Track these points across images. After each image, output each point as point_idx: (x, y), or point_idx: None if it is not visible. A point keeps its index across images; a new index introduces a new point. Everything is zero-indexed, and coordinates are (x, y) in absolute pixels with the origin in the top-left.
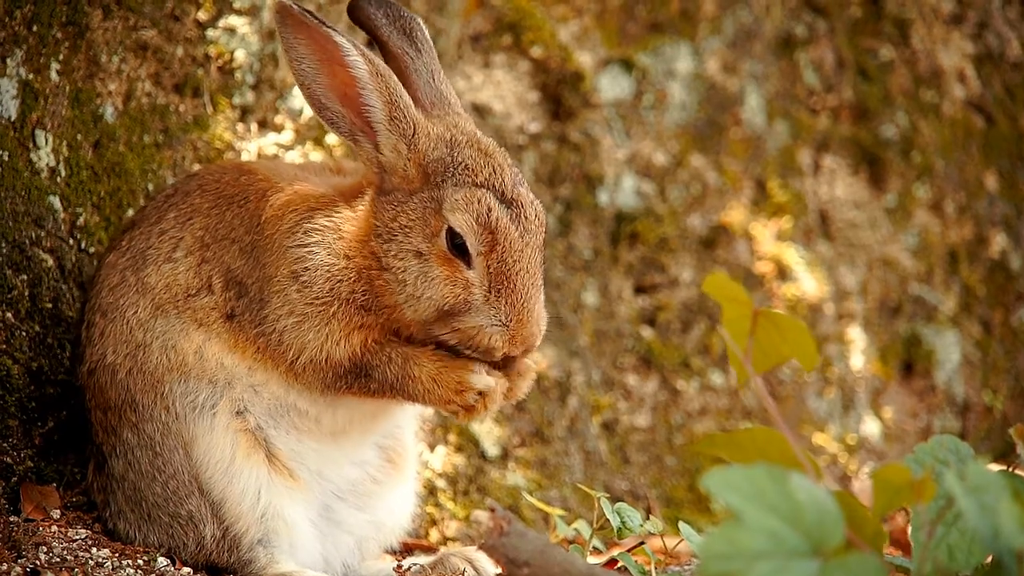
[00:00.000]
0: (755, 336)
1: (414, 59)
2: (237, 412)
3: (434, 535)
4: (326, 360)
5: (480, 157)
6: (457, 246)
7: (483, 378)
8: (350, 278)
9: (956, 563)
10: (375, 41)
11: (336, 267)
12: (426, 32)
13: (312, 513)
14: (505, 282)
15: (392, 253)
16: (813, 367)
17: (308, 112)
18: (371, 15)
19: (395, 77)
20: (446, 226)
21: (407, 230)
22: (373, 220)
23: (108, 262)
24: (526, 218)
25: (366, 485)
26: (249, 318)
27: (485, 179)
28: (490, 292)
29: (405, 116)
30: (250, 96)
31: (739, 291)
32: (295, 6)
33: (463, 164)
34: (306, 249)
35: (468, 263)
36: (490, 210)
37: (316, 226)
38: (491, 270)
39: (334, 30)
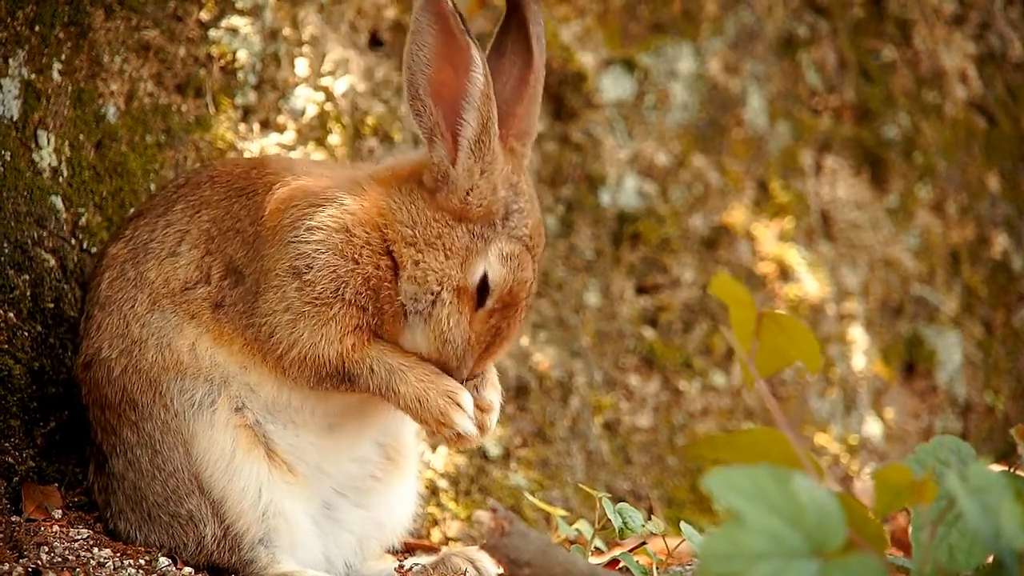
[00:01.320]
0: (760, 338)
1: (535, 83)
2: (236, 408)
3: (436, 535)
4: (317, 358)
5: (533, 214)
6: (480, 291)
7: (467, 423)
8: (356, 282)
9: (957, 563)
10: (517, 42)
11: (342, 268)
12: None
13: (312, 509)
14: (488, 347)
15: (427, 269)
16: (818, 369)
17: (310, 112)
18: (531, 16)
19: (495, 105)
20: (484, 271)
21: (450, 254)
22: (412, 229)
23: (110, 253)
24: (531, 287)
25: (366, 482)
26: (241, 308)
27: (530, 241)
28: (476, 343)
29: (490, 144)
30: (252, 96)
31: (742, 292)
32: (450, 3)
33: (523, 219)
34: (310, 246)
35: (480, 304)
36: (524, 275)
37: (318, 223)
38: (490, 325)
39: (476, 45)
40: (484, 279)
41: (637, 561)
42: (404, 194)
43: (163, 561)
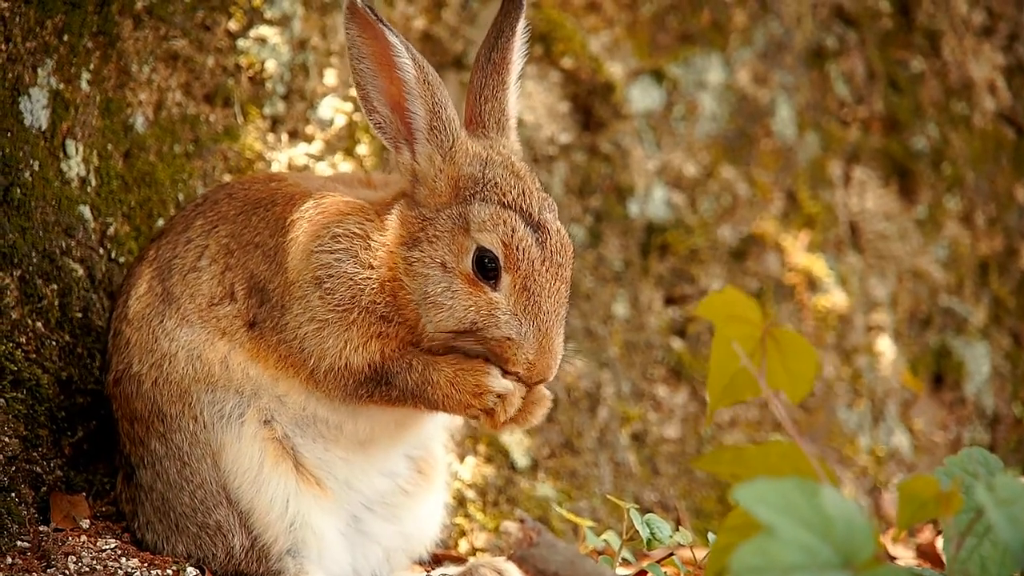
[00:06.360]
0: (765, 356)
1: (488, 75)
2: (264, 421)
3: (463, 546)
4: (346, 367)
5: (510, 177)
6: (483, 267)
7: (501, 381)
8: (372, 288)
9: (989, 575)
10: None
11: (359, 276)
12: (522, 46)
13: (340, 523)
14: (529, 304)
15: (417, 261)
16: (800, 400)
17: (338, 123)
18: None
19: (444, 88)
20: (475, 247)
21: (434, 242)
22: (400, 231)
23: (135, 271)
24: (551, 245)
25: (396, 496)
26: (270, 325)
27: (512, 200)
28: (515, 312)
29: (445, 128)
30: (280, 106)
31: (751, 308)
32: (360, 3)
33: (492, 182)
34: (333, 256)
35: (494, 285)
36: (514, 231)
37: (345, 232)
38: (517, 287)
39: (390, 30)
40: (480, 252)
41: (665, 572)
42: (396, 208)
43: (191, 571)
